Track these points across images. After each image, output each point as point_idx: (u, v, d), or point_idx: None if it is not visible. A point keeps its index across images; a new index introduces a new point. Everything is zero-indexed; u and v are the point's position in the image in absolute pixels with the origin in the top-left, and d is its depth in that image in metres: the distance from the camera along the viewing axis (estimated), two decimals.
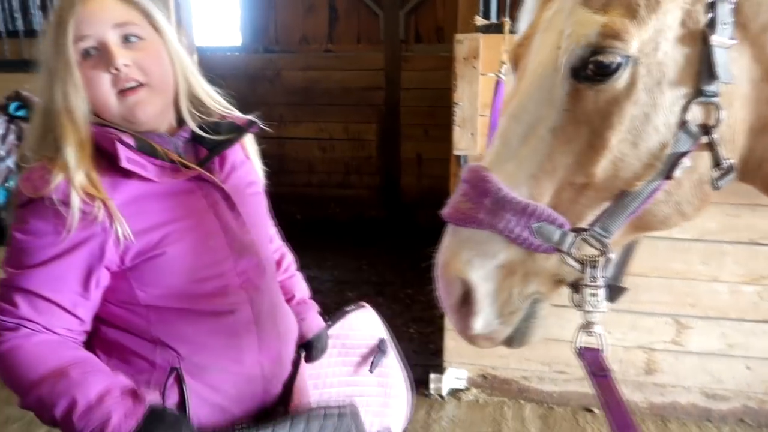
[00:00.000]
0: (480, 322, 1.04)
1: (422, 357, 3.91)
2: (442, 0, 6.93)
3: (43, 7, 3.80)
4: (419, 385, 3.55)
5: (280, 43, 7.45)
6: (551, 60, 0.98)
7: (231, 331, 1.37)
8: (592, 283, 1.00)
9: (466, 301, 1.03)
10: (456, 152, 3.19)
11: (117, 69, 1.25)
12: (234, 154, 1.47)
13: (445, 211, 1.03)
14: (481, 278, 1.01)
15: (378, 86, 7.12)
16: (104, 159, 1.26)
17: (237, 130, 1.44)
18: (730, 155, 0.98)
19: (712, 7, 0.93)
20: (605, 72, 0.93)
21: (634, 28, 0.92)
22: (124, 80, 1.26)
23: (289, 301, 1.68)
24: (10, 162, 3.42)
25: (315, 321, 1.72)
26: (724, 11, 0.93)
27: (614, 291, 1.08)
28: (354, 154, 7.35)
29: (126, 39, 1.28)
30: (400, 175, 7.28)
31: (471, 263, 1.00)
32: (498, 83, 2.70)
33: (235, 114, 1.49)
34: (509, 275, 1.02)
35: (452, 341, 3.40)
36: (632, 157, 0.96)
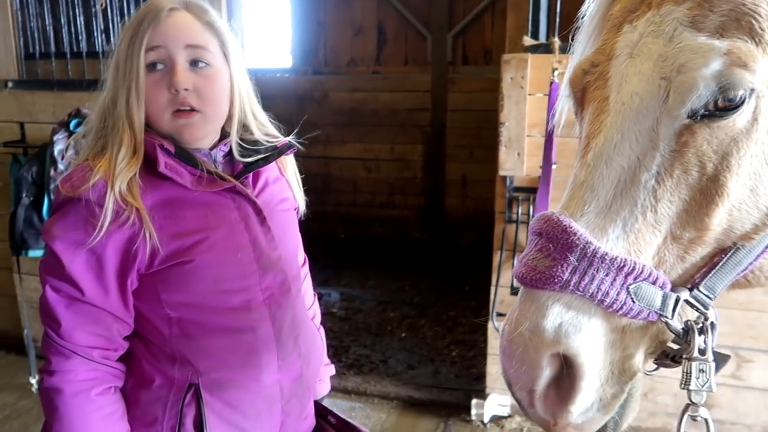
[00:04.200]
0: (580, 407, 0.84)
1: (464, 381, 3.82)
2: (491, 22, 6.92)
3: (106, 30, 3.98)
4: (461, 410, 3.47)
5: (329, 65, 7.58)
6: (651, 92, 0.84)
7: (251, 347, 1.36)
8: (701, 357, 0.84)
9: (556, 383, 0.85)
10: (501, 173, 3.15)
11: (176, 91, 1.28)
12: (268, 170, 1.48)
13: (517, 271, 0.86)
14: (587, 347, 0.82)
15: (424, 107, 7.13)
16: (144, 161, 1.29)
17: (274, 150, 1.45)
18: None
19: None
20: (728, 106, 0.80)
21: (761, 55, 0.79)
22: (180, 102, 1.29)
23: None
24: None
25: (325, 387, 1.71)
26: None
27: (718, 360, 0.88)
28: (399, 175, 7.36)
29: (194, 62, 1.30)
30: (444, 197, 7.23)
31: (566, 331, 0.82)
32: (552, 84, 2.65)
33: (279, 138, 1.50)
34: (610, 348, 0.84)
35: (495, 366, 3.31)
36: (750, 205, 0.84)
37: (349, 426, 1.61)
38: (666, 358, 0.88)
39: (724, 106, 0.80)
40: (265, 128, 1.47)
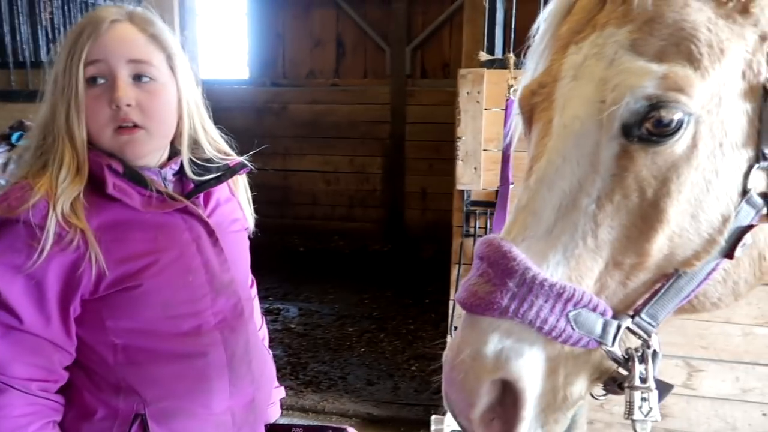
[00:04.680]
0: None
1: (424, 397, 3.79)
2: (449, 36, 7.00)
3: (53, 40, 3.84)
4: (420, 426, 3.43)
5: (287, 76, 7.53)
6: (591, 115, 0.82)
7: (202, 374, 1.30)
8: (642, 385, 0.82)
9: (498, 410, 0.83)
10: (459, 187, 3.15)
11: (118, 106, 1.21)
12: (220, 191, 1.42)
13: (459, 296, 0.85)
14: (528, 372, 0.81)
15: (384, 120, 7.16)
16: (90, 182, 1.22)
17: (227, 170, 1.40)
18: None
19: None
20: (664, 132, 0.78)
21: (698, 80, 0.78)
22: (122, 119, 1.22)
23: None
24: None
25: (276, 411, 1.63)
26: None
27: (662, 389, 0.86)
28: (358, 187, 7.35)
29: (138, 77, 1.24)
30: (404, 209, 7.25)
31: (507, 357, 0.80)
32: (508, 102, 2.66)
33: (231, 156, 1.45)
34: (551, 374, 0.83)
35: None
36: (692, 231, 0.82)
37: (315, 428, 1.56)
38: (614, 384, 0.86)
39: (660, 131, 0.79)
40: (216, 144, 1.42)
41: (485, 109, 3.06)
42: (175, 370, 1.28)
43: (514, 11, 3.14)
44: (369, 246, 7.19)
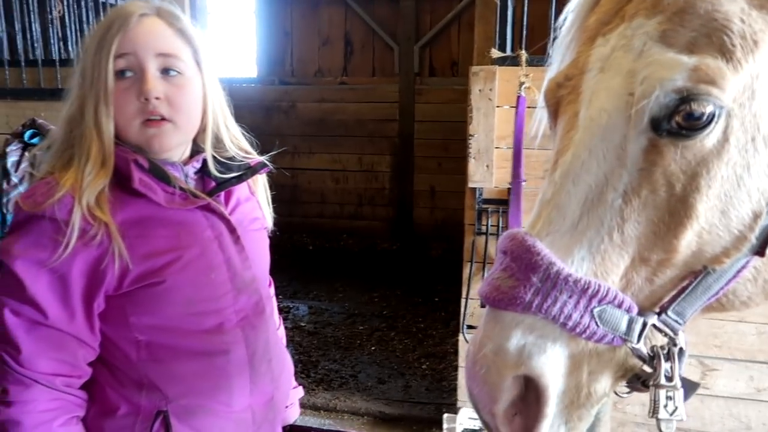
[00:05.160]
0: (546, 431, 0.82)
1: (435, 395, 3.79)
2: (457, 34, 6.98)
3: (63, 38, 3.85)
4: (432, 425, 3.43)
5: (295, 75, 7.53)
6: (619, 108, 0.81)
7: (223, 371, 1.30)
8: (668, 383, 0.81)
9: (520, 406, 0.83)
10: (471, 185, 3.14)
11: (146, 99, 1.21)
12: (240, 189, 1.42)
13: (482, 290, 0.84)
14: (550, 369, 0.80)
15: (392, 118, 7.14)
16: (115, 176, 1.22)
17: (247, 169, 1.40)
18: None
19: None
20: (695, 125, 0.77)
21: (730, 72, 0.76)
22: (150, 112, 1.22)
23: None
24: (23, 189, 3.43)
25: (294, 411, 1.64)
26: None
27: (688, 387, 0.85)
28: (367, 186, 7.33)
29: (165, 70, 1.24)
30: (413, 207, 7.23)
31: (529, 353, 0.79)
32: (519, 99, 2.65)
33: (252, 155, 1.45)
34: (575, 371, 0.82)
35: None
36: (721, 228, 0.80)
37: None
38: (638, 381, 0.85)
39: (690, 125, 0.77)
40: (238, 142, 1.42)
41: (497, 106, 3.04)
42: (197, 367, 1.28)
43: (525, 8, 3.13)
44: (378, 244, 7.18)
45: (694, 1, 0.80)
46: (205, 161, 1.34)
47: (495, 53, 3.15)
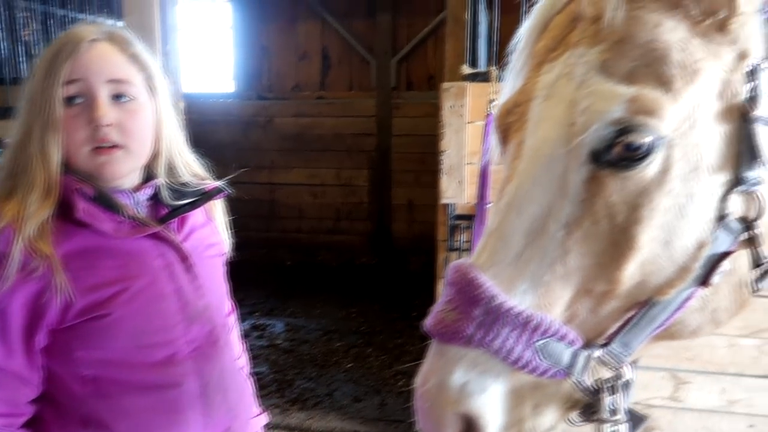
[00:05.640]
0: None
1: (410, 413, 3.74)
2: (434, 48, 7.02)
3: (30, 57, 3.79)
4: None
5: (273, 90, 7.51)
6: (561, 138, 0.80)
7: (174, 405, 1.26)
8: (612, 417, 0.80)
9: None
10: (443, 200, 3.14)
11: (97, 126, 1.19)
12: (195, 215, 1.39)
13: (428, 323, 0.83)
14: (489, 409, 0.79)
15: (369, 132, 7.14)
16: (60, 207, 1.19)
17: (202, 194, 1.38)
18: None
19: (752, 75, 0.78)
20: (634, 156, 0.76)
21: (669, 102, 0.76)
22: (101, 139, 1.20)
23: None
24: None
25: None
26: (766, 81, 0.78)
27: (634, 421, 0.85)
28: (345, 200, 7.31)
29: (117, 96, 1.22)
30: (391, 221, 7.22)
31: (470, 391, 0.79)
32: (488, 117, 2.66)
33: (207, 180, 1.42)
34: (518, 405, 0.81)
35: None
36: (664, 258, 0.79)
37: None
38: (589, 413, 0.84)
39: (629, 156, 0.77)
40: (191, 168, 1.39)
41: (468, 122, 3.05)
42: (147, 402, 1.24)
43: (496, 24, 3.16)
44: (356, 259, 7.15)
45: (634, 30, 0.79)
46: (157, 188, 1.31)
47: (466, 69, 3.16)
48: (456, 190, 3.10)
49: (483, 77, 3.06)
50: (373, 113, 7.13)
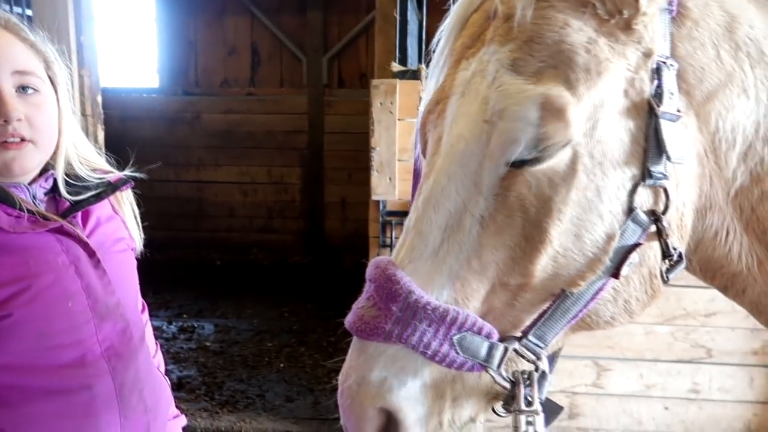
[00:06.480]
0: None
1: None
2: (365, 46, 7.02)
3: None
4: None
5: (200, 85, 7.29)
6: (475, 135, 0.81)
7: (87, 409, 1.20)
8: (528, 408, 0.82)
9: None
10: (374, 197, 3.14)
11: (6, 121, 1.12)
12: (100, 209, 1.33)
13: (348, 319, 0.84)
14: (407, 403, 0.80)
15: (301, 130, 7.07)
16: None
17: (107, 185, 1.32)
18: (679, 243, 0.86)
19: (657, 73, 0.81)
20: (543, 153, 0.79)
21: (574, 102, 0.79)
22: (10, 134, 1.14)
23: None
24: None
25: None
26: (670, 78, 0.81)
27: (550, 411, 0.88)
28: (277, 198, 7.20)
29: (23, 88, 1.16)
30: (324, 219, 7.18)
31: (389, 386, 0.80)
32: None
33: (112, 172, 1.36)
34: (437, 398, 0.82)
35: None
36: (575, 251, 0.81)
37: None
38: (511, 404, 0.85)
39: (539, 155, 0.79)
40: (89, 162, 1.33)
41: (399, 119, 3.07)
42: (56, 408, 1.17)
43: (425, 22, 3.18)
44: (289, 258, 7.06)
45: (543, 30, 0.81)
46: (55, 181, 1.24)
47: (395, 67, 3.18)
48: (387, 187, 3.11)
49: (413, 75, 3.08)
50: (304, 110, 7.06)
